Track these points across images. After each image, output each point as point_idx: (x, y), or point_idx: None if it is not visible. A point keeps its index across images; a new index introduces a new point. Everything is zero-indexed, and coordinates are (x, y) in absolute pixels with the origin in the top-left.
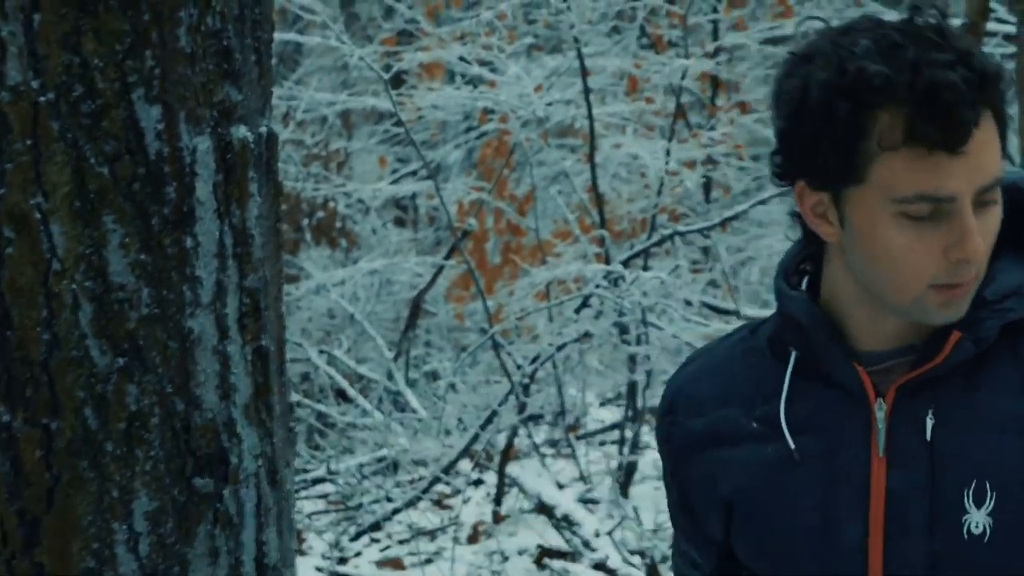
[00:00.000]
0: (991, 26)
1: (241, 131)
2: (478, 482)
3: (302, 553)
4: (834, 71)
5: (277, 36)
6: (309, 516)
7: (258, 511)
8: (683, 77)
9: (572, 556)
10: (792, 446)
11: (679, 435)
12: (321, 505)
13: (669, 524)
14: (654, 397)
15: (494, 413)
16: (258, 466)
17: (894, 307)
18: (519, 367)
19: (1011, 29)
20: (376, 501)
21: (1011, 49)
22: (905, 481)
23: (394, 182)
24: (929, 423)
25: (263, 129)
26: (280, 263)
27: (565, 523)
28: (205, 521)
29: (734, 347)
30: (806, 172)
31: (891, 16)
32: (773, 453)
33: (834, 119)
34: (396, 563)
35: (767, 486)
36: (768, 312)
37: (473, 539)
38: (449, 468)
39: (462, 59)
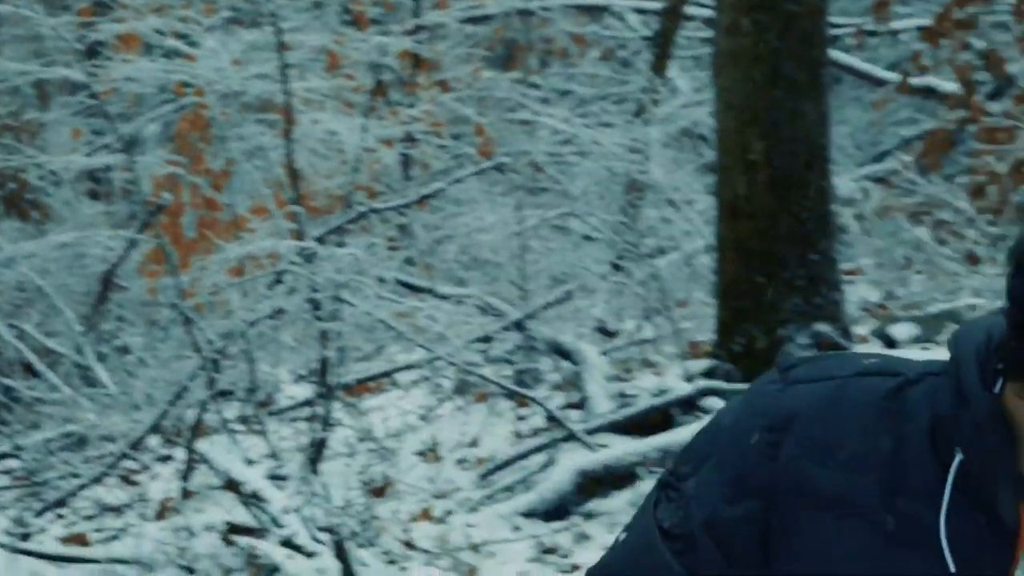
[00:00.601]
0: (691, 10)
1: None
2: (166, 458)
3: None
4: None
5: None
6: None
7: None
8: (384, 54)
9: (260, 533)
10: (953, 570)
11: (792, 469)
12: (5, 481)
13: (359, 501)
14: (347, 374)
15: (184, 388)
16: None
17: None
18: (210, 342)
19: (710, 13)
20: (62, 477)
21: (710, 33)
22: None
23: (89, 154)
24: None
25: None
26: None
27: (253, 500)
28: None
29: (874, 403)
30: None
31: None
32: (911, 563)
33: None
34: (81, 539)
35: None
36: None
37: (160, 515)
38: (137, 444)
39: (158, 31)
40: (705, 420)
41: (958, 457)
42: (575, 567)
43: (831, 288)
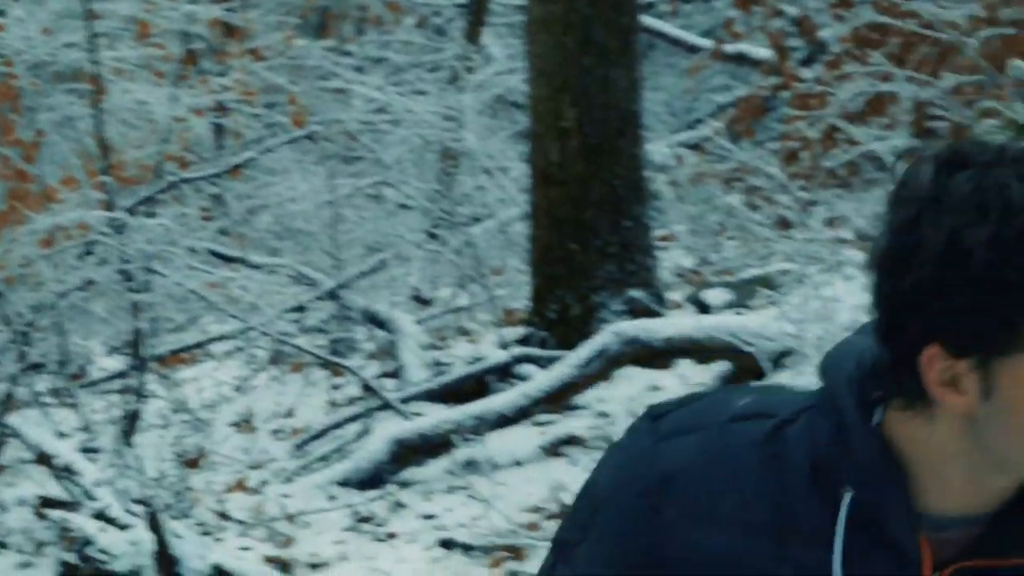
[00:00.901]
0: None
1: None
2: None
3: None
4: (997, 226)
5: None
6: None
7: None
8: (194, 23)
9: (72, 506)
10: None
11: (676, 536)
12: None
13: (173, 473)
14: (160, 345)
15: None
16: None
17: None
18: (20, 315)
19: None
20: None
21: (523, 0)
22: None
23: None
24: None
25: None
26: None
27: (66, 473)
28: None
29: (751, 450)
30: (944, 337)
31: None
32: None
33: (1001, 283)
34: None
35: None
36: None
37: None
38: None
39: None
40: (517, 386)
41: (848, 495)
42: (391, 535)
43: (644, 254)
